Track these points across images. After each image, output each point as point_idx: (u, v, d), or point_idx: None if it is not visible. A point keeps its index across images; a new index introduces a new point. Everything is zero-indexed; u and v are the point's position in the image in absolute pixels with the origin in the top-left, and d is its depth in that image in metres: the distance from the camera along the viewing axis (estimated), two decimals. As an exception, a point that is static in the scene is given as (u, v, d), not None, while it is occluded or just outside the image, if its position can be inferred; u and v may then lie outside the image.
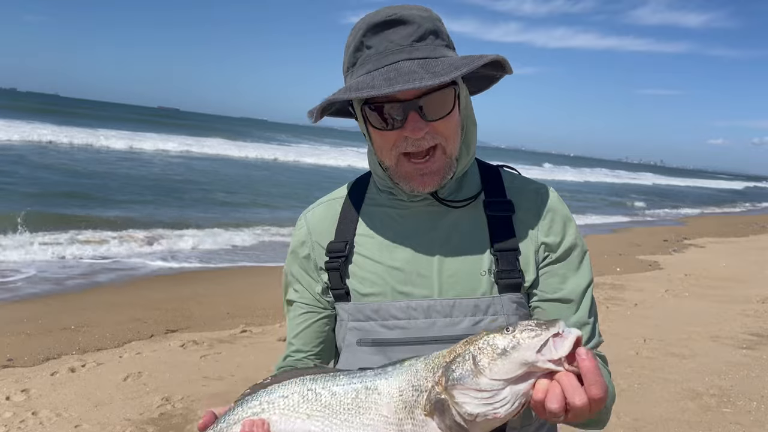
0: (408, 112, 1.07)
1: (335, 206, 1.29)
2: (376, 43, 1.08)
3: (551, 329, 0.85)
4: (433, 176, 1.13)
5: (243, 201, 15.35)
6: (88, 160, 20.97)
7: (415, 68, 1.03)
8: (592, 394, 0.84)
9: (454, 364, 0.89)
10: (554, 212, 1.22)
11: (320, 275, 1.27)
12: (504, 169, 1.29)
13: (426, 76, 1.00)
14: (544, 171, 51.92)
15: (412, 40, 1.07)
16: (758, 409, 4.34)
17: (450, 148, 1.13)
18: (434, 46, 1.09)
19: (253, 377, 4.50)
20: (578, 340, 0.85)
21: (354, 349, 1.22)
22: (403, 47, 1.07)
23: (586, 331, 1.20)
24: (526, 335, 0.85)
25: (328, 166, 32.07)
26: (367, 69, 1.08)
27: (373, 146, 1.17)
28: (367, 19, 1.10)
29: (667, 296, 7.98)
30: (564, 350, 0.84)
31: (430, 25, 1.10)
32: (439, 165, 1.12)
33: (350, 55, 1.12)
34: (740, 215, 26.48)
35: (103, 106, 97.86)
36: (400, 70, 1.03)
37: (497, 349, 0.86)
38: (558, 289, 1.20)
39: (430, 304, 1.17)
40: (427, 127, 1.08)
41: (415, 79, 1.00)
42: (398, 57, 1.06)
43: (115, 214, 11.28)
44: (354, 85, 1.06)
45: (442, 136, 1.10)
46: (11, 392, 3.99)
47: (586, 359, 0.84)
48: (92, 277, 7.32)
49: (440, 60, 1.06)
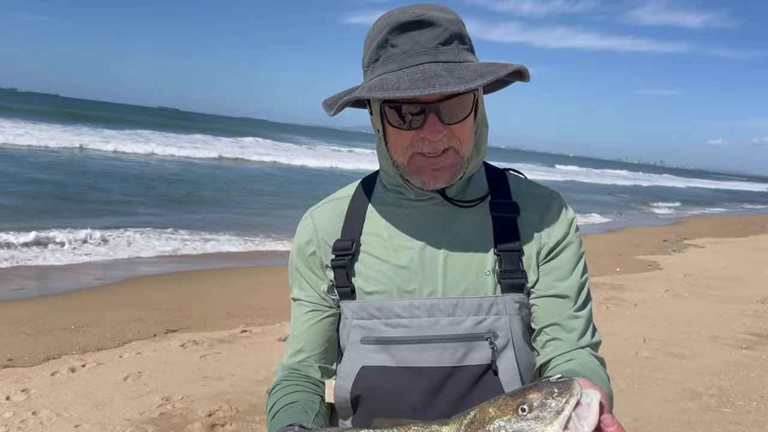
0: (428, 114, 1.08)
1: (341, 205, 1.30)
2: (402, 42, 1.08)
3: (571, 400, 0.75)
4: (445, 171, 1.13)
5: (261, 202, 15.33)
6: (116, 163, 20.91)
7: (440, 72, 1.03)
8: None
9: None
10: (558, 215, 1.24)
11: (326, 273, 1.27)
12: (510, 173, 1.30)
13: (452, 81, 1.01)
14: (572, 174, 51.02)
15: (437, 42, 1.07)
16: (758, 409, 4.34)
17: (463, 150, 1.14)
18: (458, 50, 1.09)
19: (253, 377, 4.51)
20: (602, 406, 0.77)
21: (358, 347, 1.22)
22: (428, 49, 1.07)
23: (581, 327, 1.20)
24: (546, 414, 0.75)
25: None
26: (391, 68, 1.08)
27: (386, 142, 1.17)
28: (394, 17, 1.10)
29: (666, 296, 7.98)
30: (591, 425, 0.75)
31: (456, 29, 1.10)
32: (451, 162, 1.13)
33: (373, 51, 1.12)
34: (740, 215, 26.48)
35: (108, 107, 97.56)
36: (425, 72, 1.03)
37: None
38: (554, 285, 1.20)
39: (434, 303, 1.17)
40: (445, 129, 1.09)
41: (442, 83, 1.01)
42: (423, 59, 1.06)
43: (117, 215, 11.29)
44: (378, 84, 1.06)
45: (457, 138, 1.11)
46: (11, 392, 3.99)
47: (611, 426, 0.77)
48: (93, 277, 7.32)
49: (464, 65, 1.06)
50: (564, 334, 1.19)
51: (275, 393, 1.25)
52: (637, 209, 25.24)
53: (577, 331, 1.19)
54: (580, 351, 1.19)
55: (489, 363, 1.17)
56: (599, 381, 1.10)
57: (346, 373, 1.23)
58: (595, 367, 1.16)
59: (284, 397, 1.21)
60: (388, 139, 1.16)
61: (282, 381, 1.28)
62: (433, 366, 1.18)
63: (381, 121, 1.16)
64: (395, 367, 1.19)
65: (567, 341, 1.19)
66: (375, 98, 1.10)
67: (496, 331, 1.17)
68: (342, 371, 1.25)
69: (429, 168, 1.13)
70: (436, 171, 1.13)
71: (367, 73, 1.14)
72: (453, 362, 1.17)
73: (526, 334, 1.22)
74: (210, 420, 3.76)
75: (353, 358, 1.23)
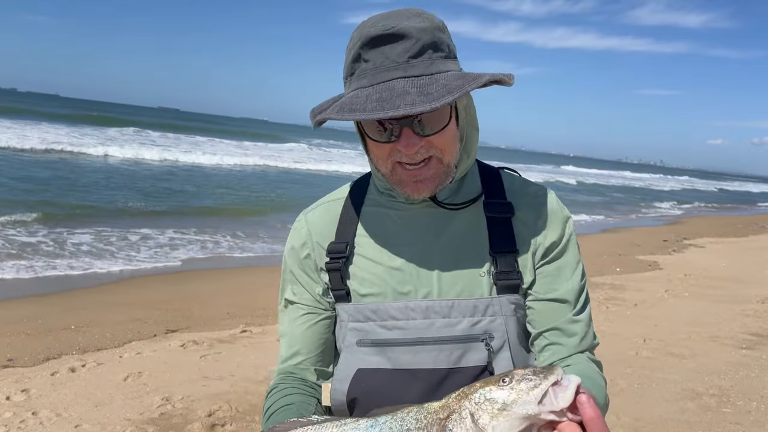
0: (402, 129, 1.07)
1: (335, 207, 1.30)
2: (373, 57, 1.07)
3: (550, 377, 0.82)
4: (428, 183, 1.13)
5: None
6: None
7: (408, 89, 1.02)
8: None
9: (451, 422, 0.84)
10: (553, 214, 1.23)
11: (320, 276, 1.27)
12: (504, 171, 1.29)
13: (418, 100, 1.00)
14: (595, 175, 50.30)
15: (408, 56, 1.06)
16: (758, 409, 4.34)
17: (446, 158, 1.13)
18: (431, 62, 1.07)
19: (253, 377, 4.51)
20: (578, 387, 0.83)
21: (354, 349, 1.22)
22: (398, 64, 1.05)
23: (581, 332, 1.20)
24: (524, 386, 0.82)
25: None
26: (362, 83, 1.08)
27: (367, 153, 1.18)
28: (365, 30, 1.08)
29: (666, 296, 7.98)
30: (566, 400, 0.81)
31: (429, 38, 1.07)
32: (434, 172, 1.12)
33: (349, 65, 1.12)
34: (740, 215, 26.48)
35: (110, 107, 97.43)
36: (393, 90, 1.02)
37: (496, 404, 0.82)
38: (552, 289, 1.20)
39: (429, 305, 1.17)
40: (421, 141, 1.08)
41: (408, 102, 1.00)
42: (393, 74, 1.05)
43: (121, 214, 11.28)
44: (348, 102, 1.06)
45: (437, 148, 1.10)
46: (11, 392, 3.99)
47: (589, 408, 0.82)
48: (93, 276, 7.32)
49: (435, 78, 1.04)
50: (564, 338, 1.19)
51: (271, 396, 1.25)
52: (637, 209, 25.24)
53: (577, 336, 1.19)
54: (579, 356, 1.19)
55: (485, 364, 1.17)
56: (595, 388, 1.10)
57: (343, 375, 1.23)
58: (593, 374, 1.16)
59: (280, 400, 1.21)
60: (368, 150, 1.16)
61: (278, 384, 1.28)
62: (429, 368, 1.17)
63: (359, 134, 1.16)
64: (391, 369, 1.19)
65: (567, 346, 1.19)
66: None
67: (492, 332, 1.17)
68: (338, 374, 1.25)
69: (410, 180, 1.13)
70: (417, 183, 1.13)
71: (346, 84, 1.14)
72: (449, 364, 1.17)
73: (521, 335, 1.21)
74: (210, 420, 3.76)
75: (349, 361, 1.22)
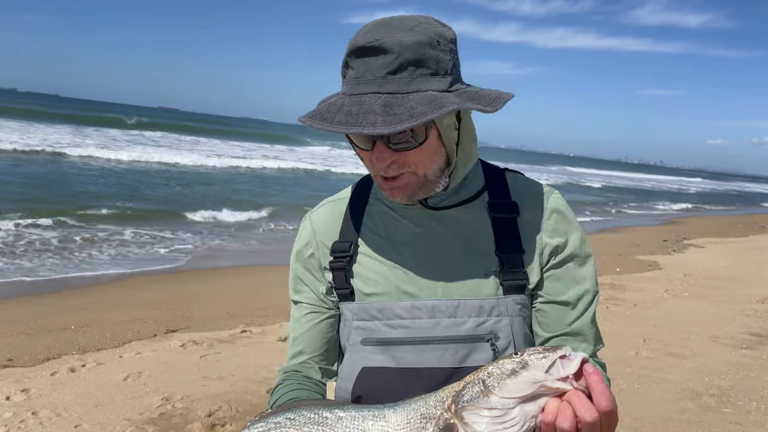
0: (375, 142, 1.08)
1: (340, 206, 1.30)
2: (356, 66, 1.08)
3: (558, 351, 0.87)
4: (401, 191, 1.14)
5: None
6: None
7: (375, 108, 1.02)
8: (602, 408, 0.84)
9: (465, 390, 0.90)
10: (558, 214, 1.23)
11: (324, 275, 1.27)
12: (508, 172, 1.29)
13: (380, 121, 1.00)
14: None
15: (386, 72, 1.05)
16: (758, 409, 4.34)
17: (421, 171, 1.12)
18: (410, 79, 1.05)
19: (253, 377, 4.51)
20: (585, 360, 0.87)
21: (358, 348, 1.22)
22: (376, 78, 1.05)
23: (590, 336, 1.20)
24: (534, 357, 0.88)
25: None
26: (344, 91, 1.10)
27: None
28: (355, 38, 1.09)
29: (666, 296, 7.98)
30: (572, 368, 0.85)
31: (412, 55, 1.05)
32: (406, 182, 1.13)
33: (341, 68, 1.13)
34: (740, 215, 26.49)
35: (114, 107, 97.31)
36: (362, 106, 1.03)
37: (506, 371, 0.88)
38: (561, 292, 1.20)
39: (435, 304, 1.17)
40: (393, 156, 1.08)
41: (370, 122, 1.00)
42: (368, 88, 1.05)
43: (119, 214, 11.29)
44: (324, 110, 1.08)
45: (410, 164, 1.10)
46: (11, 392, 3.99)
47: (594, 373, 0.85)
48: (93, 277, 7.32)
49: (408, 98, 1.03)
50: (572, 343, 1.19)
51: (277, 391, 1.26)
52: (637, 209, 25.25)
53: (585, 340, 1.20)
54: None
55: None
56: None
57: (347, 374, 1.23)
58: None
59: (286, 394, 1.22)
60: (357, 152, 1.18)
61: (284, 381, 1.29)
62: (434, 367, 1.17)
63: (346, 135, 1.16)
64: (396, 368, 1.19)
65: (575, 350, 1.19)
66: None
67: (497, 332, 1.17)
68: (343, 372, 1.25)
69: (386, 186, 1.15)
70: (392, 191, 1.14)
71: (342, 84, 1.15)
72: (454, 363, 1.17)
73: (527, 335, 1.21)
74: (210, 420, 3.76)
75: (354, 359, 1.22)
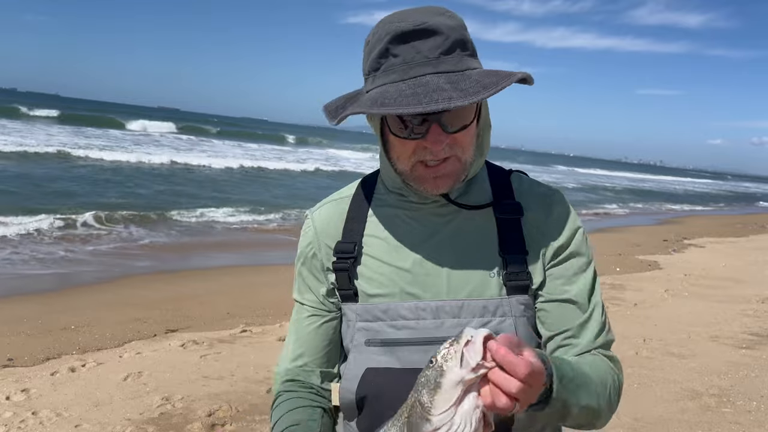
0: (431, 125, 1.07)
1: (342, 205, 1.29)
2: (403, 51, 1.06)
3: (461, 340, 0.88)
4: (446, 179, 1.13)
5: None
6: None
7: (443, 84, 1.02)
8: (521, 376, 0.85)
9: (411, 416, 0.91)
10: (562, 214, 1.22)
11: (326, 276, 1.27)
12: (514, 173, 1.29)
13: (455, 95, 0.99)
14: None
15: (439, 52, 1.05)
16: (758, 409, 4.34)
17: (465, 157, 1.13)
18: (460, 59, 1.07)
19: (253, 377, 4.51)
20: (487, 338, 0.87)
21: (362, 349, 1.22)
22: (429, 60, 1.05)
23: (592, 332, 1.19)
24: (445, 357, 0.89)
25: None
26: (392, 78, 1.07)
27: (387, 150, 1.16)
28: (394, 26, 1.07)
29: (666, 296, 7.98)
30: (477, 353, 0.86)
31: (458, 36, 1.07)
32: (452, 169, 1.12)
33: (374, 60, 1.10)
34: (740, 215, 26.49)
35: (113, 107, 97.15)
36: (428, 85, 1.02)
37: (430, 384, 0.89)
38: (564, 290, 1.20)
39: (439, 305, 1.17)
40: (447, 139, 1.08)
41: (445, 98, 0.99)
42: (424, 70, 1.05)
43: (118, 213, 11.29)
44: (379, 97, 1.05)
45: (459, 146, 1.11)
46: (11, 392, 3.99)
47: (498, 350, 0.85)
48: (93, 276, 7.32)
49: (466, 75, 1.05)
50: (575, 340, 1.19)
51: (277, 408, 1.26)
52: (636, 209, 25.24)
53: (588, 337, 1.19)
54: (587, 354, 1.18)
55: None
56: (598, 387, 1.10)
57: (351, 374, 1.23)
58: (598, 370, 1.14)
59: (285, 416, 1.22)
60: (389, 147, 1.15)
61: (283, 393, 1.28)
62: None
63: (381, 129, 1.15)
64: (400, 368, 1.18)
65: (577, 346, 1.18)
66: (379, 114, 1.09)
67: (501, 332, 1.17)
68: (347, 373, 1.24)
69: (430, 177, 1.12)
70: (437, 179, 1.12)
71: (368, 81, 1.12)
72: None
73: (531, 335, 1.21)
74: (210, 420, 3.76)
75: (358, 360, 1.22)
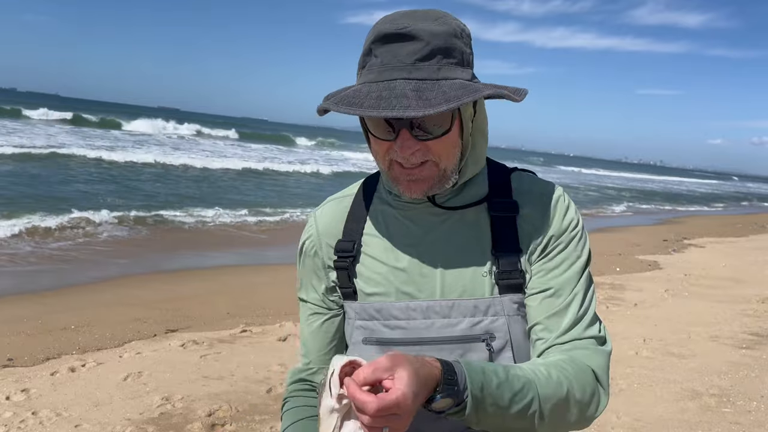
0: (399, 130, 1.07)
1: (344, 203, 1.30)
2: (382, 54, 1.07)
3: (328, 372, 0.93)
4: (421, 183, 1.12)
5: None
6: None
7: (407, 92, 1.01)
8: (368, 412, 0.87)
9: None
10: (557, 210, 1.21)
11: (327, 274, 1.28)
12: (516, 171, 1.27)
13: (414, 104, 0.99)
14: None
15: (416, 58, 1.05)
16: (758, 409, 4.34)
17: (443, 164, 1.12)
18: (438, 67, 1.06)
19: (253, 377, 4.51)
20: (345, 367, 0.91)
21: (360, 347, 1.23)
22: (405, 65, 1.05)
23: (566, 323, 1.15)
24: (320, 386, 0.95)
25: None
26: (369, 78, 1.08)
27: (369, 147, 1.17)
28: (380, 26, 1.09)
29: (666, 296, 7.98)
30: (335, 386, 0.91)
31: (440, 43, 1.06)
32: (428, 174, 1.12)
33: (361, 58, 1.12)
34: (740, 215, 26.49)
35: (113, 107, 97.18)
36: (393, 90, 1.02)
37: (318, 414, 0.96)
38: (545, 282, 1.17)
39: (429, 305, 1.17)
40: (417, 145, 1.08)
41: (403, 105, 0.99)
42: (397, 74, 1.05)
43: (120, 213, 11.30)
44: (350, 96, 1.06)
45: (434, 154, 1.10)
46: (11, 392, 3.99)
47: (347, 384, 0.89)
48: (93, 276, 7.32)
49: (438, 84, 1.04)
50: (545, 333, 1.15)
51: (284, 417, 1.30)
52: (636, 209, 25.25)
53: (560, 328, 1.15)
54: (556, 348, 1.14)
55: None
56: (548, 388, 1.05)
57: None
58: (555, 372, 1.08)
59: (291, 426, 1.27)
60: (369, 144, 1.16)
61: (289, 399, 1.33)
62: None
63: (363, 128, 1.16)
64: None
65: (547, 339, 1.15)
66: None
67: (493, 332, 1.16)
68: None
69: (404, 178, 1.12)
70: (411, 182, 1.12)
71: (358, 77, 1.14)
72: None
73: (526, 334, 1.21)
74: (210, 420, 3.76)
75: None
